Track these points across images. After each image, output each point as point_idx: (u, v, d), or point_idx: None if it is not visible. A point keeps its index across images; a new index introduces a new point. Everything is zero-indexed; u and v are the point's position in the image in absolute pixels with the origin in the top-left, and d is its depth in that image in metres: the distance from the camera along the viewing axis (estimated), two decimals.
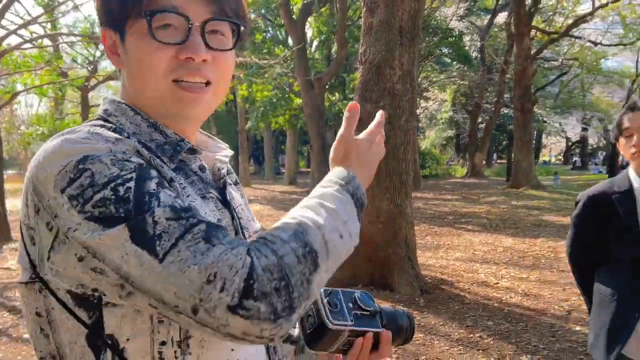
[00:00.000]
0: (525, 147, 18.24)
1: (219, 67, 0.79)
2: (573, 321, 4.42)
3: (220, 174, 0.87)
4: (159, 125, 0.79)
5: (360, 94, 5.65)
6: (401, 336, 0.98)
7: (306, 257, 0.65)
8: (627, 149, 1.81)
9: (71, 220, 0.63)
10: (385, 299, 5.11)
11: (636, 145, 1.76)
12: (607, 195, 1.86)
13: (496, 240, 8.48)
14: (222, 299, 0.59)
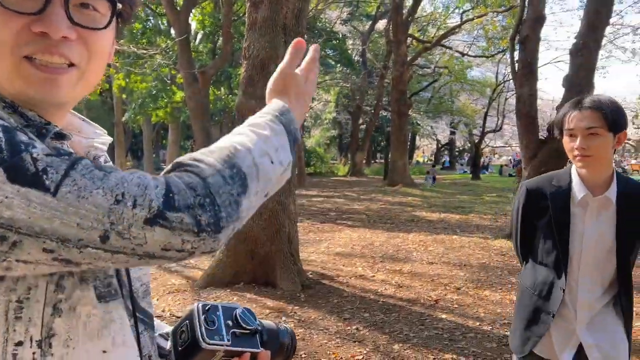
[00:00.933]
0: (400, 147, 19.46)
1: (87, 47, 0.68)
2: (440, 310, 4.78)
3: (97, 163, 0.76)
4: (17, 107, 0.66)
5: (244, 90, 5.58)
6: (282, 354, 0.96)
7: (234, 178, 0.63)
8: (570, 150, 1.71)
9: None
10: (267, 296, 5.12)
11: (579, 149, 1.66)
12: (544, 188, 1.81)
13: (373, 235, 8.91)
14: (137, 214, 0.55)
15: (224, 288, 5.37)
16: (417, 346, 3.84)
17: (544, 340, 1.81)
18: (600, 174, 1.72)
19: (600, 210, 1.73)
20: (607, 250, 1.72)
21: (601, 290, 1.76)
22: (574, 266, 1.76)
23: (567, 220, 1.74)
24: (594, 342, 1.72)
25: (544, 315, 1.79)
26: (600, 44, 7.81)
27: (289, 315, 4.55)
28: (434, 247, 7.84)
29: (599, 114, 1.64)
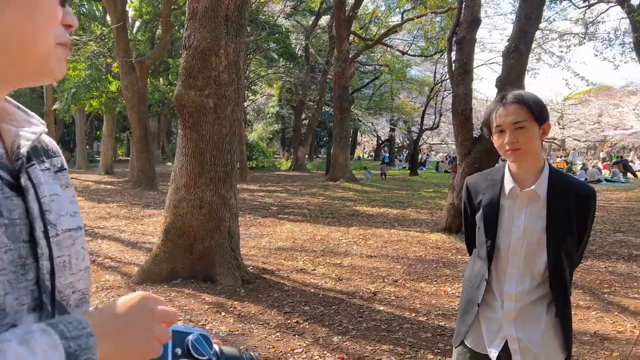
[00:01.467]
0: (342, 143, 19.68)
1: None
2: (378, 302, 4.89)
3: (19, 154, 0.69)
4: None
5: (184, 81, 5.44)
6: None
7: None
8: (501, 146, 1.74)
9: None
10: (206, 292, 5.04)
11: (509, 143, 1.69)
12: (481, 183, 1.87)
13: (315, 229, 8.97)
14: None
15: (161, 284, 5.23)
16: (355, 338, 3.91)
17: (476, 333, 1.83)
18: (530, 166, 1.74)
19: (528, 203, 1.74)
20: (536, 244, 1.72)
21: (530, 283, 1.74)
22: (503, 258, 1.77)
23: (496, 212, 1.77)
24: (517, 335, 1.72)
25: (472, 305, 1.83)
26: (530, 47, 8.24)
27: (229, 311, 4.51)
28: (373, 240, 8.01)
29: (524, 107, 1.68)
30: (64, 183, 0.80)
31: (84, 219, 8.14)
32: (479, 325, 1.82)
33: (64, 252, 0.71)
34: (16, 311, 0.62)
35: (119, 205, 11.78)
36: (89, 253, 5.38)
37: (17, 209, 0.65)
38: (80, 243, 0.77)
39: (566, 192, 1.73)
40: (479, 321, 1.83)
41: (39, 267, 0.65)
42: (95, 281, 5.42)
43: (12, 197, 0.65)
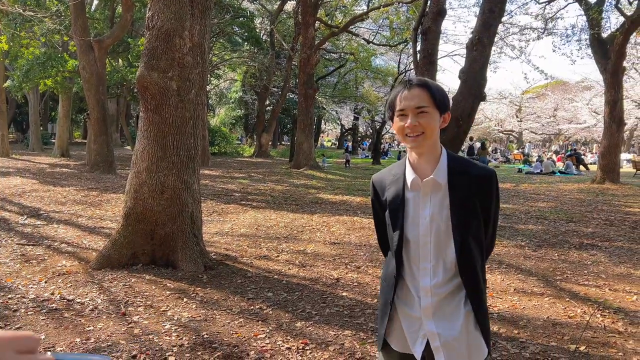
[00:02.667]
0: (306, 130, 19.64)
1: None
2: (341, 288, 4.94)
3: None
4: None
5: (147, 62, 5.29)
6: None
7: None
8: (401, 130, 1.69)
9: None
10: (167, 278, 4.96)
11: (410, 126, 1.66)
12: (385, 179, 1.82)
13: (279, 216, 8.95)
14: None
15: (120, 270, 5.12)
16: (319, 323, 3.95)
17: (397, 333, 1.76)
18: (430, 154, 1.71)
19: (431, 193, 1.70)
20: (444, 233, 1.68)
21: (444, 275, 1.70)
22: (414, 252, 1.73)
23: (401, 205, 1.73)
24: (437, 331, 1.67)
25: (387, 304, 1.77)
26: (493, 40, 8.40)
27: (191, 297, 4.46)
28: (336, 228, 8.06)
29: (427, 93, 1.66)
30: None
31: (39, 203, 7.82)
32: (399, 325, 1.76)
33: None
34: None
35: (76, 189, 11.40)
36: (44, 238, 5.17)
37: None
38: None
39: (466, 176, 1.69)
40: (399, 321, 1.76)
41: None
42: (51, 266, 5.25)
43: None
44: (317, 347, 3.48)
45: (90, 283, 4.74)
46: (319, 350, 3.43)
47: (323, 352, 3.41)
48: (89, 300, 4.28)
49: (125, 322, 3.81)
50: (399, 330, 1.76)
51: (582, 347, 3.57)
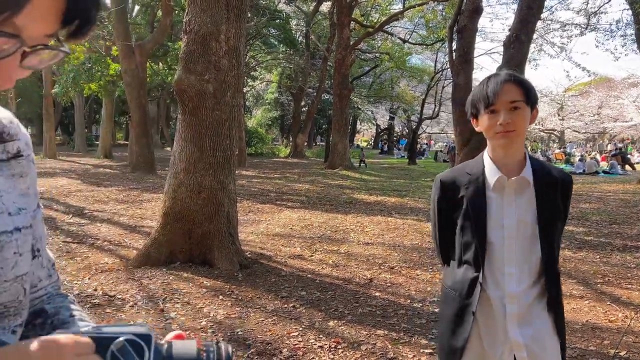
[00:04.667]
0: (341, 130, 19.69)
1: None
2: (374, 288, 4.95)
3: None
4: None
5: (185, 65, 5.44)
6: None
7: None
8: (491, 128, 1.59)
9: None
10: (204, 276, 5.09)
11: (504, 124, 1.55)
12: (459, 179, 1.69)
13: (312, 216, 9.02)
14: None
15: (159, 267, 5.28)
16: (351, 323, 3.97)
17: (475, 349, 1.63)
18: (516, 153, 1.62)
19: (517, 193, 1.61)
20: (531, 236, 1.59)
21: (530, 280, 1.60)
22: (497, 257, 1.61)
23: (483, 207, 1.61)
24: (524, 341, 1.56)
25: (466, 316, 1.63)
26: (531, 37, 8.22)
27: (226, 295, 4.56)
28: (370, 228, 8.06)
29: (520, 87, 1.57)
30: (17, 172, 0.73)
31: (83, 202, 8.11)
32: (478, 340, 1.62)
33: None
34: None
35: (118, 189, 11.80)
36: (88, 236, 5.36)
37: None
38: (13, 248, 0.67)
39: (551, 178, 1.62)
40: (478, 334, 1.62)
41: None
42: (94, 263, 5.47)
43: None
44: (349, 346, 3.50)
45: (131, 280, 4.92)
46: (351, 350, 3.45)
47: (355, 351, 3.43)
48: (129, 296, 4.44)
49: (164, 318, 3.94)
50: (476, 345, 1.63)
51: (622, 352, 3.46)
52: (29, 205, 0.72)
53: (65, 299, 0.83)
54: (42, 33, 0.56)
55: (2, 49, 0.54)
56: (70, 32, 0.59)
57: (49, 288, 0.82)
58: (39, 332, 0.73)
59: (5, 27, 0.52)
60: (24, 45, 0.55)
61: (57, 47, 0.59)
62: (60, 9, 0.55)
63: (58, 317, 0.77)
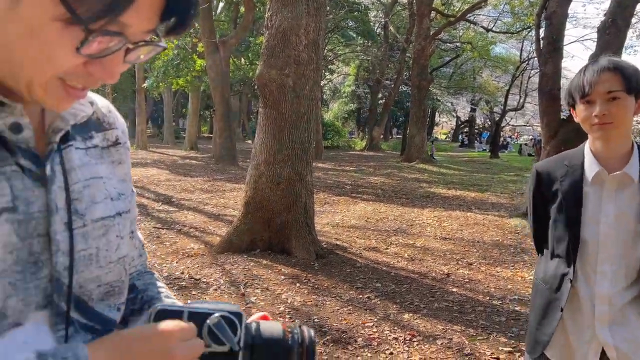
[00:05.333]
0: (419, 123, 19.33)
1: None
2: (451, 284, 4.87)
3: (51, 138, 0.65)
4: None
5: (266, 60, 5.62)
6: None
7: None
8: (587, 119, 1.50)
9: None
10: (282, 264, 5.26)
11: (599, 115, 1.46)
12: (555, 169, 1.62)
13: (388, 209, 8.98)
14: None
15: (240, 254, 5.53)
16: (426, 316, 3.95)
17: (560, 343, 1.59)
18: (619, 146, 1.52)
19: (618, 189, 1.51)
20: (631, 235, 1.49)
21: (625, 281, 1.51)
22: (591, 254, 1.54)
23: (579, 201, 1.54)
24: (614, 343, 1.48)
25: (554, 310, 1.59)
26: (629, 22, 7.62)
27: (303, 283, 4.69)
28: (448, 223, 7.90)
29: (619, 76, 1.45)
30: (115, 159, 0.76)
31: (171, 191, 8.62)
32: (564, 335, 1.58)
33: (91, 244, 0.66)
34: (20, 311, 0.58)
35: (203, 179, 12.43)
36: (175, 222, 5.72)
37: (38, 201, 0.62)
38: (116, 231, 0.70)
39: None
40: (565, 330, 1.58)
41: None
42: (182, 248, 5.83)
43: (33, 188, 0.61)
44: (425, 340, 3.49)
45: (214, 265, 5.19)
46: (426, 343, 3.44)
47: (430, 345, 3.42)
48: (212, 280, 4.70)
49: (244, 303, 4.13)
50: (562, 340, 1.59)
51: None
52: (127, 190, 0.76)
53: (152, 276, 0.88)
54: (143, 29, 0.59)
55: (108, 46, 0.57)
56: (168, 28, 0.62)
57: (139, 266, 0.87)
58: (130, 306, 0.79)
59: (112, 26, 0.55)
60: (127, 42, 0.58)
61: (156, 42, 0.62)
62: (159, 7, 0.58)
63: (147, 293, 0.81)
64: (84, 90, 0.61)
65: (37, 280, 0.60)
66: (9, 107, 0.60)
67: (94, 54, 0.56)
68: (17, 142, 0.61)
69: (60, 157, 0.65)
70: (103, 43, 0.56)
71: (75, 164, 0.67)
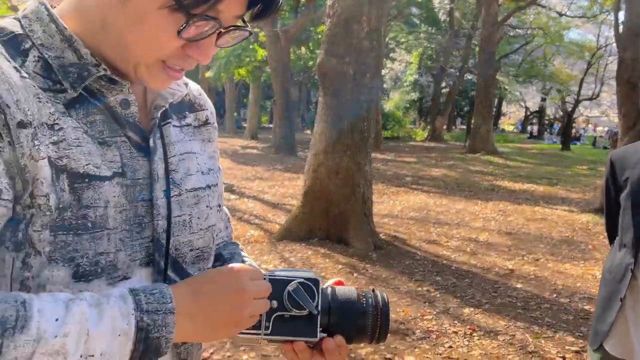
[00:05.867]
0: (485, 113, 18.65)
1: None
2: (515, 279, 4.67)
3: (153, 114, 0.73)
4: (74, 41, 0.65)
5: (327, 49, 5.59)
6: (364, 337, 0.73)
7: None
8: None
9: None
10: (340, 253, 5.25)
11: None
12: (629, 157, 1.58)
13: (450, 202, 8.75)
14: None
15: (299, 242, 5.57)
16: (489, 312, 3.81)
17: (620, 334, 1.54)
18: None
19: None
20: None
21: None
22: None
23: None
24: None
25: (614, 301, 1.55)
26: None
27: (361, 272, 4.66)
28: (513, 217, 7.59)
29: None
30: (205, 137, 0.84)
31: (233, 180, 8.86)
32: (624, 325, 1.53)
33: (185, 211, 0.73)
34: (128, 265, 0.66)
35: (263, 168, 12.65)
36: (236, 210, 5.88)
37: (142, 169, 0.69)
38: (206, 202, 0.77)
39: None
40: (625, 320, 1.53)
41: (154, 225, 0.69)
42: (242, 235, 5.96)
43: (138, 157, 0.69)
44: (486, 335, 3.37)
45: (274, 252, 5.27)
46: (487, 338, 3.32)
47: (492, 340, 3.30)
48: (272, 267, 4.77)
49: None
50: (621, 331, 1.54)
51: None
52: (215, 166, 0.84)
53: (237, 246, 0.96)
54: (234, 15, 0.65)
55: (204, 31, 0.64)
56: (254, 14, 0.67)
57: (225, 237, 0.96)
58: None
59: (210, 11, 0.62)
60: (220, 27, 0.64)
61: (244, 27, 0.68)
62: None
63: (232, 261, 0.88)
64: (181, 71, 0.69)
65: (141, 240, 0.68)
66: (119, 85, 0.68)
67: (192, 38, 0.64)
68: (125, 116, 0.70)
69: (160, 132, 0.73)
70: (200, 27, 0.63)
71: (173, 139, 0.75)
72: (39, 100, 0.61)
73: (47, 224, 0.60)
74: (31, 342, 0.51)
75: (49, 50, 0.65)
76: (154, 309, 0.59)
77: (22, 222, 0.59)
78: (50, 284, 0.61)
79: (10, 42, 0.64)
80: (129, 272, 0.67)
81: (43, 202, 0.59)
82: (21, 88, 0.60)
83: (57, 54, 0.65)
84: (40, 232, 0.60)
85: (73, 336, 0.54)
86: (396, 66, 35.07)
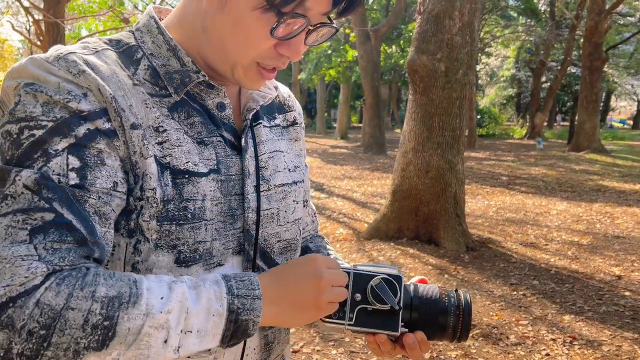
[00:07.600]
0: (590, 108, 17.28)
1: None
2: (623, 286, 4.31)
3: (246, 115, 0.79)
4: (177, 51, 0.72)
5: (417, 46, 5.51)
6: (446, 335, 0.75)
7: (96, 329, 0.56)
8: None
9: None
10: (429, 254, 5.16)
11: None
12: None
13: (550, 203, 8.25)
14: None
15: (387, 241, 5.55)
16: (591, 320, 3.56)
17: None
18: None
19: None
20: None
21: None
22: None
23: None
24: None
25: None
26: None
27: (452, 275, 4.55)
28: (622, 219, 6.98)
29: None
30: (293, 137, 0.89)
31: (322, 179, 9.03)
32: None
33: (273, 205, 0.79)
34: (222, 253, 0.72)
35: (352, 167, 12.73)
36: (325, 208, 6.01)
37: (235, 166, 0.75)
38: (293, 197, 0.83)
39: None
40: None
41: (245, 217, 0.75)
42: (331, 233, 6.05)
43: (232, 155, 0.75)
44: (588, 345, 3.15)
45: (362, 250, 5.30)
46: (590, 348, 3.10)
47: (595, 350, 3.08)
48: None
49: None
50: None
51: None
52: (301, 164, 0.89)
53: (322, 239, 1.02)
54: (321, 12, 0.68)
55: (293, 29, 0.68)
56: (339, 10, 0.70)
57: (311, 231, 1.01)
58: None
59: (299, 9, 0.65)
60: (309, 24, 0.68)
61: (331, 24, 0.71)
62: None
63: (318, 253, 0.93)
64: (273, 71, 0.74)
65: (234, 230, 0.74)
66: (216, 90, 0.75)
67: (283, 36, 0.68)
68: (221, 118, 0.76)
69: (252, 132, 0.79)
70: (290, 26, 0.67)
71: (263, 139, 0.80)
72: (146, 105, 0.68)
73: (154, 215, 0.66)
74: (141, 315, 0.58)
75: (157, 59, 0.72)
76: (244, 294, 0.65)
77: (134, 213, 0.66)
78: (156, 268, 0.68)
79: (125, 52, 0.72)
80: (222, 260, 0.73)
81: (151, 195, 0.66)
82: (133, 94, 0.68)
83: (163, 62, 0.72)
84: (148, 222, 0.66)
85: (175, 313, 0.60)
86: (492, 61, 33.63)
